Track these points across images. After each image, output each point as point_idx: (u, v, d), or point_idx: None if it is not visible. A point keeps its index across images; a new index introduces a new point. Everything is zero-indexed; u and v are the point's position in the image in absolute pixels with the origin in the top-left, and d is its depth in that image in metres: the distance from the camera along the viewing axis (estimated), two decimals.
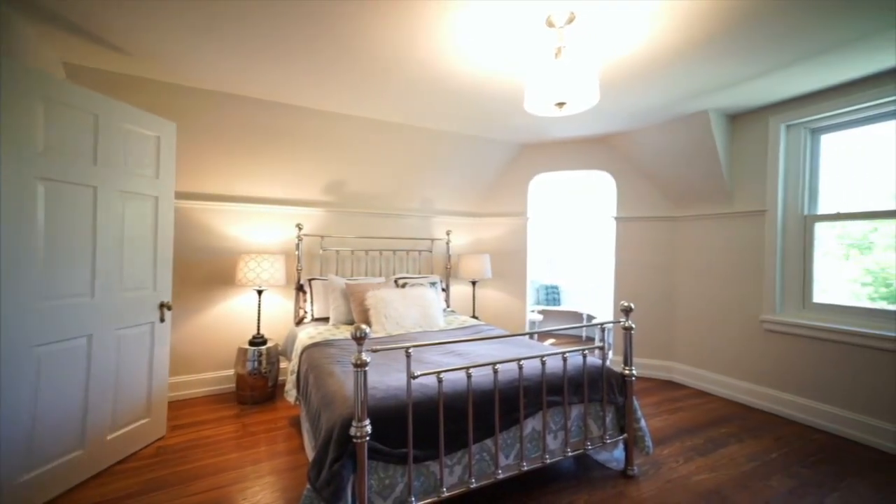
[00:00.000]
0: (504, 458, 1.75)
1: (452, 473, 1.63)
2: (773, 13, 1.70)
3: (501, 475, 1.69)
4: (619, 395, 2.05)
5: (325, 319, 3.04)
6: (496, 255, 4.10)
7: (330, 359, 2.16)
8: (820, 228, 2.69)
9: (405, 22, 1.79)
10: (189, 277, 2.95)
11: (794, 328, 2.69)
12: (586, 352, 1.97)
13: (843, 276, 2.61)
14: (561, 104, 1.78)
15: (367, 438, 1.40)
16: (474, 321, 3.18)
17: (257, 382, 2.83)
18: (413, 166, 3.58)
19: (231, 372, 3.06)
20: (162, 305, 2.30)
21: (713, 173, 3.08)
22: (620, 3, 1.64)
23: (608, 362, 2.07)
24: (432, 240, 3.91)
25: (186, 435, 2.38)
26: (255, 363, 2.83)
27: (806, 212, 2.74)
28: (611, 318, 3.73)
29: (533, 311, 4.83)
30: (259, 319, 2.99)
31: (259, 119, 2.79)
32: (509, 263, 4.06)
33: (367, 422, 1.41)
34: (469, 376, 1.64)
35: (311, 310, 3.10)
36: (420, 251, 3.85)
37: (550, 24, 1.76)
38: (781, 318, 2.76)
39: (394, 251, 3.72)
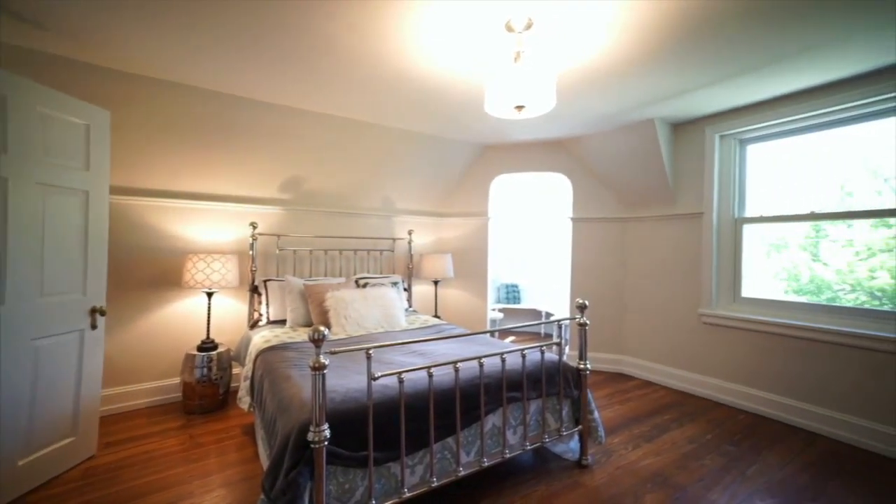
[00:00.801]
0: (465, 455, 1.77)
1: (414, 473, 1.63)
2: (714, 30, 1.85)
3: (463, 472, 1.71)
4: (575, 388, 2.14)
5: (282, 322, 2.92)
6: (458, 254, 4.14)
7: (287, 362, 2.08)
8: (747, 230, 2.98)
9: (368, 17, 1.76)
10: (128, 280, 2.71)
11: (726, 320, 2.96)
12: (544, 348, 2.04)
13: (765, 273, 2.91)
14: (520, 107, 1.83)
15: (326, 443, 1.36)
16: (436, 320, 3.19)
17: (207, 390, 2.66)
18: (375, 165, 3.52)
19: (177, 380, 2.85)
20: (94, 311, 2.09)
21: (658, 177, 3.31)
22: (576, 12, 1.72)
23: (564, 357, 2.16)
24: (394, 239, 3.87)
25: (123, 452, 2.19)
26: (205, 370, 2.65)
27: (736, 214, 3.02)
28: (567, 315, 3.89)
29: (494, 310, 4.93)
30: (209, 323, 2.81)
31: (209, 111, 2.62)
32: (471, 263, 4.12)
33: (326, 426, 1.37)
34: (430, 376, 1.65)
35: (267, 312, 2.96)
36: (381, 251, 3.80)
37: (510, 29, 1.81)
38: (715, 312, 3.03)
39: (354, 251, 3.64)
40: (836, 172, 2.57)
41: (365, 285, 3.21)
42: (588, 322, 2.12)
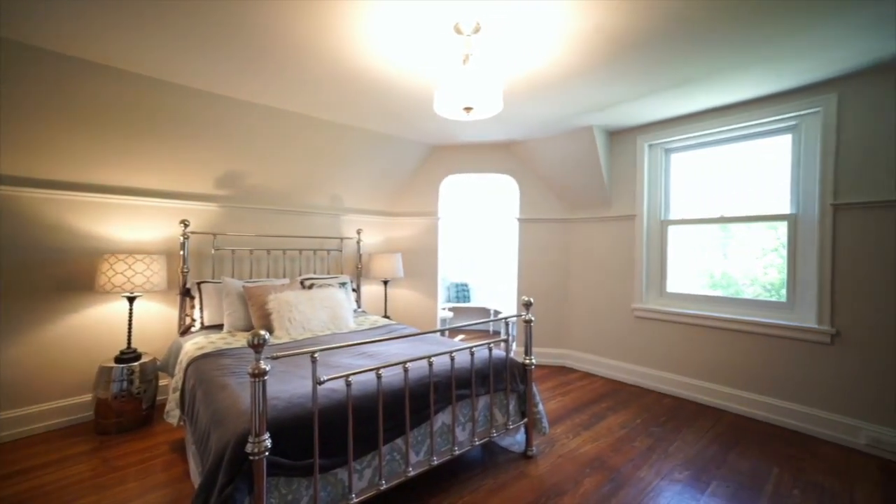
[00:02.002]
0: (415, 455, 1.77)
1: (362, 478, 1.60)
2: (646, 46, 2.02)
3: (412, 472, 1.71)
4: (521, 383, 2.23)
5: (219, 327, 2.71)
6: (408, 254, 4.13)
7: (223, 370, 1.93)
8: (672, 230, 3.30)
9: (318, 9, 1.68)
10: (25, 285, 2.35)
11: (654, 314, 3.25)
12: (492, 345, 2.10)
13: (686, 270, 3.24)
14: (468, 109, 1.86)
15: (266, 454, 1.28)
16: (386, 321, 3.15)
17: (126, 406, 2.39)
18: (322, 162, 3.39)
19: (89, 397, 2.52)
20: None
21: (596, 181, 3.54)
22: (522, 18, 1.78)
23: (511, 353, 2.23)
24: (342, 238, 3.76)
25: (6, 489, 1.85)
26: (125, 383, 2.38)
27: (662, 217, 3.33)
28: (514, 312, 4.03)
29: (444, 309, 4.97)
30: (130, 331, 2.52)
31: (134, 96, 2.35)
32: (421, 262, 4.12)
33: (267, 436, 1.30)
34: (379, 377, 1.62)
35: (201, 317, 2.73)
36: (329, 251, 3.67)
37: (458, 31, 1.83)
38: (646, 306, 3.31)
39: (300, 251, 3.48)
40: (741, 181, 2.93)
41: (311, 286, 3.08)
42: (533, 319, 2.21)
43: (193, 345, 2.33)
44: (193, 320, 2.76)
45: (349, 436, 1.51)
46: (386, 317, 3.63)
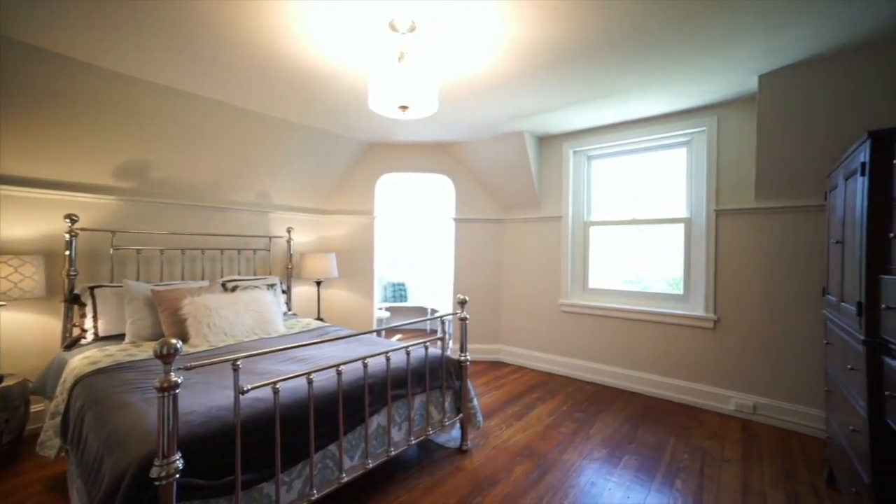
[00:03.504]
0: (349, 460, 1.72)
1: (291, 489, 1.51)
2: (567, 61, 2.18)
3: (346, 478, 1.66)
4: (457, 379, 2.27)
5: (119, 337, 2.37)
6: (343, 253, 3.99)
7: (125, 386, 1.70)
8: (593, 231, 3.60)
9: None
10: None
11: (578, 308, 3.53)
12: (428, 344, 2.11)
13: (605, 267, 3.57)
14: (404, 107, 1.85)
15: (177, 476, 1.15)
16: (319, 323, 3.01)
17: None
18: (249, 155, 3.13)
19: None
20: None
21: (527, 184, 3.75)
22: (457, 19, 1.82)
23: (448, 351, 2.27)
24: (270, 237, 3.51)
25: None
26: None
27: (585, 218, 3.63)
28: (451, 311, 4.09)
29: (380, 309, 4.89)
30: None
31: (6, 64, 1.95)
32: (356, 262, 4.01)
33: (177, 456, 1.16)
34: (310, 382, 1.55)
35: (95, 327, 2.37)
36: (255, 250, 3.41)
37: (394, 29, 1.81)
38: (570, 301, 3.58)
39: (221, 250, 3.18)
40: (650, 187, 3.31)
41: (234, 289, 2.84)
42: (468, 316, 2.27)
43: (84, 359, 2.00)
44: (84, 331, 2.38)
45: (276, 447, 1.42)
46: (319, 319, 3.47)
